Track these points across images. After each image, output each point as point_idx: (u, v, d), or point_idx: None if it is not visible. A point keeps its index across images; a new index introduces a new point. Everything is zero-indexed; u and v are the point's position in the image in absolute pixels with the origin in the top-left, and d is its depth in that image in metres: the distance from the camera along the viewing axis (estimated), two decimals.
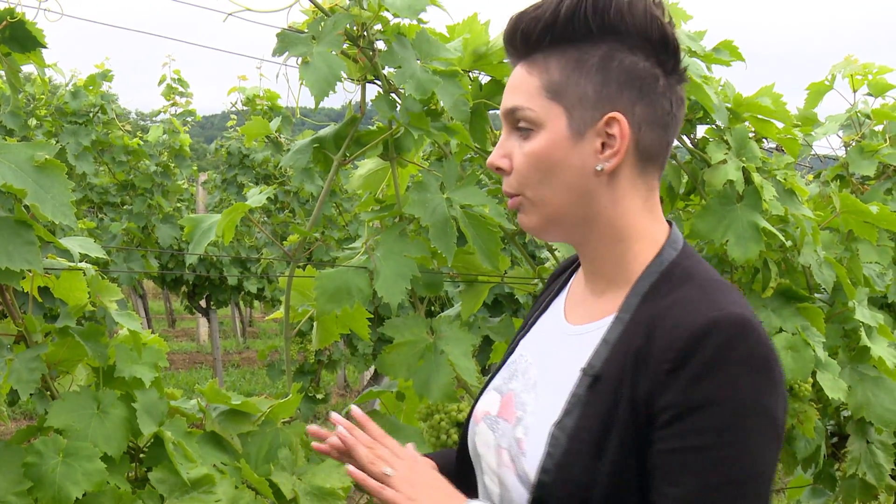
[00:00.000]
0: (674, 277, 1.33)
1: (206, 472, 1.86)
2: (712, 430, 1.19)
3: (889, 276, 3.29)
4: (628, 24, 1.30)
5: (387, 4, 2.11)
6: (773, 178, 2.73)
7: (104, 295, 2.00)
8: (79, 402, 1.82)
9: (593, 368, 1.30)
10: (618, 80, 1.31)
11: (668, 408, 1.21)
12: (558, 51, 1.33)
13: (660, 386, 1.22)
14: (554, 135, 1.33)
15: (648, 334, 1.26)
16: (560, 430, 1.29)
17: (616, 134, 1.32)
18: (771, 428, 1.22)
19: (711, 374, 1.19)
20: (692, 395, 1.20)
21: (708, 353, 1.20)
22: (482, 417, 1.49)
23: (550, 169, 1.34)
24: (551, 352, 1.45)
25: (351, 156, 2.31)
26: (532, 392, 1.42)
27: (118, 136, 7.23)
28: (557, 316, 1.50)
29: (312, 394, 6.04)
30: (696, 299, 1.27)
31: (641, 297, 1.33)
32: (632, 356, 1.27)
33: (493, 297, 5.84)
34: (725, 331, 1.21)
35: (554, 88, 1.33)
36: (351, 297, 2.15)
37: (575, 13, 1.30)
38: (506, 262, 2.51)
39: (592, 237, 1.38)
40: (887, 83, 3.73)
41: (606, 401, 1.27)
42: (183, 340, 15.54)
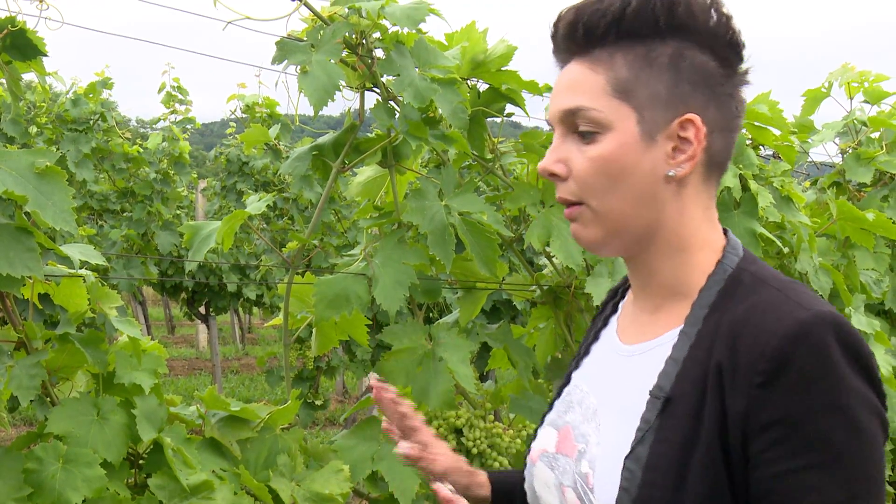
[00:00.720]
0: (744, 284, 1.22)
1: (206, 478, 1.87)
2: (827, 441, 1.07)
3: (886, 283, 3.30)
4: (698, 21, 1.21)
5: (386, 14, 2.13)
6: (769, 185, 2.75)
7: (104, 302, 2.01)
8: (78, 409, 1.83)
9: (663, 390, 1.19)
10: (690, 80, 1.21)
11: (771, 425, 1.09)
12: (624, 47, 1.22)
13: (754, 402, 1.10)
14: (624, 137, 1.22)
15: (730, 346, 1.14)
16: (633, 461, 1.17)
17: (691, 137, 1.22)
18: (881, 424, 1.11)
19: (815, 380, 1.08)
20: (799, 406, 1.08)
21: (806, 359, 1.08)
22: (539, 456, 1.38)
23: (619, 175, 1.22)
24: (608, 376, 1.34)
25: (350, 163, 2.32)
26: (592, 422, 1.31)
27: (118, 144, 7.24)
28: (611, 339, 1.40)
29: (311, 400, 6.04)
30: (777, 302, 1.15)
31: (708, 309, 1.22)
32: (714, 372, 1.15)
33: (492, 303, 5.85)
34: (820, 331, 1.09)
35: (622, 87, 1.22)
36: (349, 304, 2.16)
37: (644, 7, 1.20)
38: (504, 269, 2.52)
39: (652, 248, 1.28)
40: (883, 91, 3.74)
41: (683, 424, 1.15)
42: (182, 347, 15.54)
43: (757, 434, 1.10)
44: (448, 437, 2.34)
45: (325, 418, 9.96)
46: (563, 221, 2.36)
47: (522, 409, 2.42)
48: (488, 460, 2.34)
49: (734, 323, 1.16)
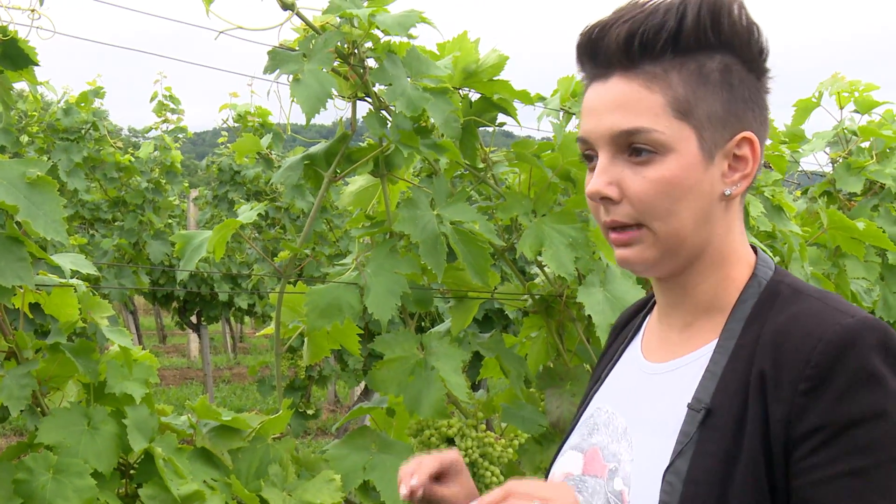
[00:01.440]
0: (782, 295, 1.21)
1: (197, 488, 1.86)
2: (872, 447, 1.06)
3: (876, 292, 3.31)
4: (738, 34, 1.20)
5: (377, 21, 2.13)
6: (761, 195, 2.76)
7: (95, 311, 2.01)
8: (69, 419, 1.82)
9: (702, 402, 1.17)
10: (742, 96, 1.20)
11: (815, 431, 1.08)
12: (677, 63, 1.19)
13: (798, 408, 1.09)
14: (686, 158, 1.18)
15: (773, 354, 1.14)
16: (673, 474, 1.15)
17: (747, 155, 1.21)
18: None
19: (858, 387, 1.07)
20: (842, 413, 1.07)
21: (852, 364, 1.08)
22: (563, 480, 1.35)
23: (682, 196, 1.19)
24: (637, 396, 1.32)
25: (342, 172, 2.32)
26: (623, 441, 1.28)
27: (110, 153, 7.24)
28: (636, 360, 1.37)
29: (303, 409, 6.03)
30: (819, 310, 1.15)
31: (744, 322, 1.21)
32: (756, 380, 1.14)
33: (484, 312, 5.86)
34: (864, 337, 1.09)
35: (682, 106, 1.18)
36: (341, 313, 2.16)
37: (698, 21, 1.17)
38: (496, 278, 2.52)
39: (697, 266, 1.26)
40: (874, 100, 3.76)
41: (725, 436, 1.14)
42: (174, 356, 15.50)
43: (800, 440, 1.09)
44: (440, 446, 2.34)
45: (317, 428, 9.94)
46: (556, 231, 2.36)
47: (514, 418, 2.42)
48: (480, 469, 2.34)
49: (777, 332, 1.15)
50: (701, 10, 1.17)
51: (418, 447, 2.36)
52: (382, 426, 2.49)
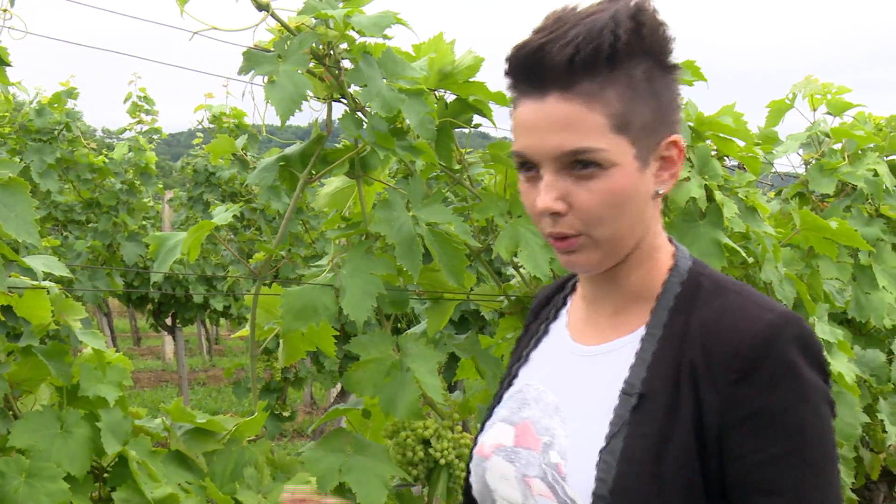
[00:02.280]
0: (704, 288, 1.31)
1: (171, 491, 1.85)
2: (799, 429, 1.19)
3: (848, 293, 3.34)
4: (655, 39, 1.26)
5: (353, 22, 2.13)
6: (734, 196, 2.77)
7: (68, 313, 1.99)
8: (42, 422, 1.81)
9: (634, 388, 1.26)
10: (666, 101, 1.28)
11: (747, 418, 1.20)
12: (611, 78, 1.23)
13: (730, 398, 1.20)
14: (627, 169, 1.25)
15: (703, 346, 1.24)
16: (609, 454, 1.23)
17: (674, 155, 1.30)
18: (833, 411, 1.24)
19: (783, 375, 1.19)
20: (770, 400, 1.19)
21: (775, 356, 1.20)
22: (493, 451, 1.41)
23: (624, 204, 1.26)
24: (567, 376, 1.40)
25: (317, 174, 2.31)
26: (555, 417, 1.36)
27: (83, 154, 7.18)
28: (562, 340, 1.45)
29: (279, 411, 6.01)
30: (740, 306, 1.26)
31: (671, 311, 1.30)
32: (687, 369, 1.24)
33: (460, 314, 5.85)
34: (787, 331, 1.21)
35: (619, 122, 1.24)
36: (317, 315, 2.16)
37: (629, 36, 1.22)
38: (472, 280, 2.52)
39: (629, 260, 1.34)
40: (846, 102, 3.79)
41: (657, 419, 1.23)
42: (148, 358, 15.41)
43: (734, 427, 1.20)
44: (415, 447, 2.34)
45: (293, 430, 9.91)
46: (531, 232, 2.36)
47: None
48: (456, 471, 2.34)
49: (704, 325, 1.25)
50: (629, 23, 1.22)
51: (394, 449, 2.36)
52: (358, 428, 2.48)
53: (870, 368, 3.29)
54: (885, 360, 3.31)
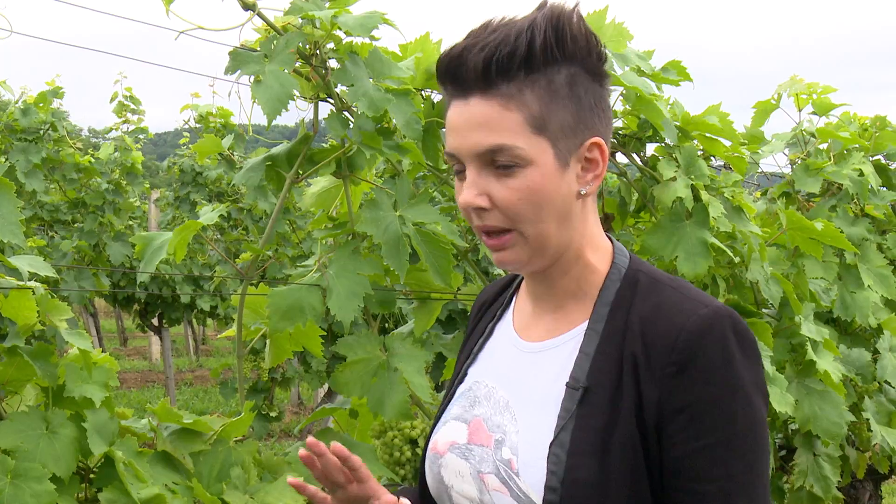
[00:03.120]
0: (641, 283, 1.37)
1: (158, 491, 1.85)
2: (731, 420, 1.25)
3: (834, 292, 3.35)
4: (579, 46, 1.31)
5: (339, 22, 2.13)
6: (720, 196, 2.78)
7: (54, 314, 1.98)
8: (27, 423, 1.80)
9: (579, 381, 1.32)
10: (587, 104, 1.33)
11: (683, 409, 1.25)
12: (529, 81, 1.30)
13: (667, 389, 1.26)
14: (544, 169, 1.31)
15: (642, 340, 1.30)
16: (558, 446, 1.29)
17: (597, 157, 1.34)
18: (765, 402, 1.31)
19: (717, 367, 1.25)
20: (705, 392, 1.25)
21: (709, 349, 1.25)
22: (448, 448, 1.46)
23: (544, 202, 1.32)
24: (515, 372, 1.44)
25: (304, 174, 2.31)
26: (507, 413, 1.41)
27: (69, 154, 7.16)
28: (509, 337, 1.50)
29: (266, 412, 6.00)
30: (678, 300, 1.32)
31: (610, 306, 1.36)
32: (629, 363, 1.30)
33: (447, 313, 5.86)
34: (719, 325, 1.27)
35: (537, 122, 1.30)
36: (303, 315, 2.15)
37: (545, 42, 1.29)
38: (458, 279, 2.52)
39: (562, 261, 1.39)
40: (831, 103, 3.80)
41: (602, 411, 1.29)
42: (135, 359, 15.37)
43: (670, 418, 1.26)
44: (403, 447, 2.34)
45: (280, 430, 9.90)
46: None
47: None
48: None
49: (643, 320, 1.32)
50: (546, 31, 1.29)
51: (382, 449, 2.36)
52: (346, 427, 2.48)
53: (855, 367, 3.30)
54: (870, 359, 3.33)
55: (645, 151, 2.81)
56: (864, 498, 3.81)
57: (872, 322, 3.41)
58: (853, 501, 3.78)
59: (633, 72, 2.54)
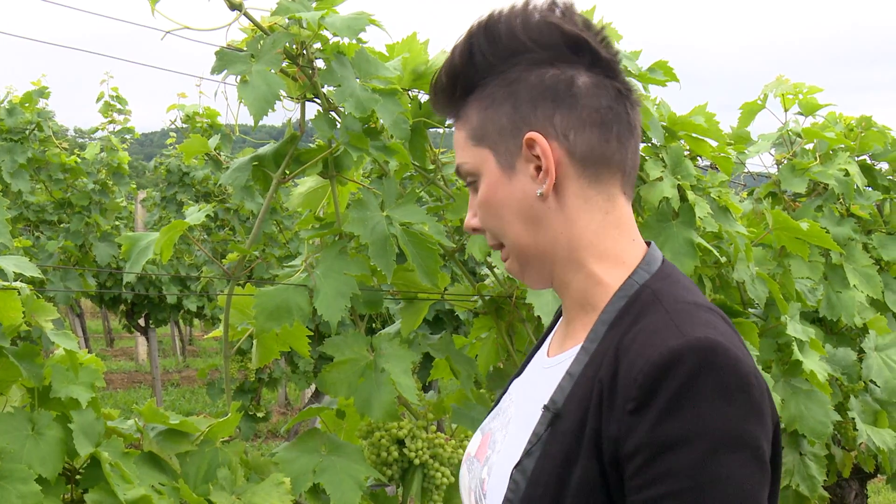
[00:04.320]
0: (640, 302, 1.22)
1: (144, 492, 1.84)
2: (687, 471, 1.06)
3: (820, 292, 3.36)
4: (525, 41, 1.25)
5: (326, 24, 2.12)
6: (707, 196, 2.79)
7: (39, 314, 1.98)
8: (13, 424, 1.79)
9: (555, 405, 1.20)
10: (528, 99, 1.25)
11: (637, 452, 1.09)
12: (473, 97, 1.29)
13: (625, 428, 1.11)
14: (490, 177, 1.28)
15: (613, 368, 1.15)
16: (520, 472, 1.20)
17: (539, 153, 1.25)
18: (753, 457, 1.09)
19: (678, 409, 1.07)
20: (660, 435, 1.08)
21: (672, 387, 1.08)
22: (465, 460, 1.42)
23: (499, 210, 1.28)
24: (528, 387, 1.38)
25: (291, 174, 2.31)
26: (504, 430, 1.34)
27: (55, 154, 7.13)
28: (543, 351, 1.42)
29: (253, 412, 6.00)
30: (659, 327, 1.15)
31: (608, 325, 1.22)
32: (596, 392, 1.16)
33: (434, 313, 5.86)
34: (689, 360, 1.09)
35: (476, 134, 1.29)
36: (290, 315, 2.15)
37: (472, 53, 1.27)
38: (446, 280, 2.52)
39: (557, 265, 1.29)
40: (817, 103, 3.81)
41: (567, 440, 1.17)
42: (121, 359, 15.32)
43: (626, 460, 1.11)
44: (390, 448, 2.34)
45: (268, 430, 9.89)
46: None
47: (464, 419, 2.42)
48: (430, 471, 2.34)
49: (620, 346, 1.17)
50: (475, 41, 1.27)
51: (369, 449, 2.36)
52: (332, 428, 2.48)
53: (841, 367, 3.31)
54: (855, 359, 3.34)
55: None
56: (850, 497, 3.83)
57: (858, 322, 3.42)
58: (839, 500, 3.80)
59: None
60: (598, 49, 1.27)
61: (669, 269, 1.29)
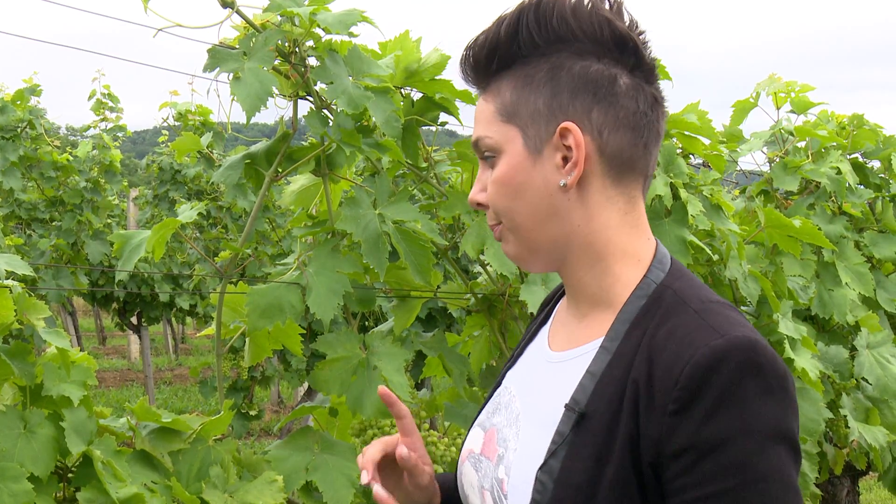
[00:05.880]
0: (664, 302, 1.22)
1: (136, 491, 1.84)
2: (737, 468, 1.08)
3: (812, 289, 3.37)
4: (574, 29, 1.24)
5: (318, 20, 2.12)
6: (699, 194, 2.79)
7: (31, 313, 1.97)
8: (5, 422, 1.79)
9: (579, 405, 1.19)
10: (569, 89, 1.24)
11: (682, 452, 1.10)
12: (509, 72, 1.27)
13: (668, 429, 1.11)
14: (513, 157, 1.27)
15: (648, 370, 1.15)
16: (546, 473, 1.18)
17: (571, 144, 1.24)
18: (793, 451, 1.11)
19: (725, 407, 1.09)
20: (706, 435, 1.09)
21: (717, 387, 1.09)
22: (467, 457, 1.40)
23: (516, 192, 1.27)
24: (534, 382, 1.36)
25: (283, 172, 2.30)
26: (514, 427, 1.32)
27: (47, 152, 7.11)
28: (542, 343, 1.41)
29: (245, 410, 5.99)
30: (693, 327, 1.16)
31: (630, 325, 1.22)
32: (630, 393, 1.16)
33: (427, 311, 5.86)
34: (732, 358, 1.10)
35: (507, 110, 1.27)
36: (283, 313, 2.15)
37: (518, 29, 1.25)
38: (438, 277, 2.52)
39: (571, 259, 1.29)
40: (809, 101, 3.82)
41: (597, 441, 1.16)
42: (114, 358, 15.30)
43: (669, 461, 1.11)
44: None
45: (260, 428, 9.88)
46: None
47: (457, 417, 2.42)
48: None
49: (652, 346, 1.17)
50: (523, 18, 1.25)
51: (361, 447, 2.35)
52: (325, 426, 2.48)
53: (833, 365, 3.32)
54: (847, 357, 3.35)
55: None
56: (842, 494, 3.83)
57: (850, 319, 3.43)
58: (831, 498, 3.81)
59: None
60: (643, 52, 1.27)
61: (679, 266, 1.31)
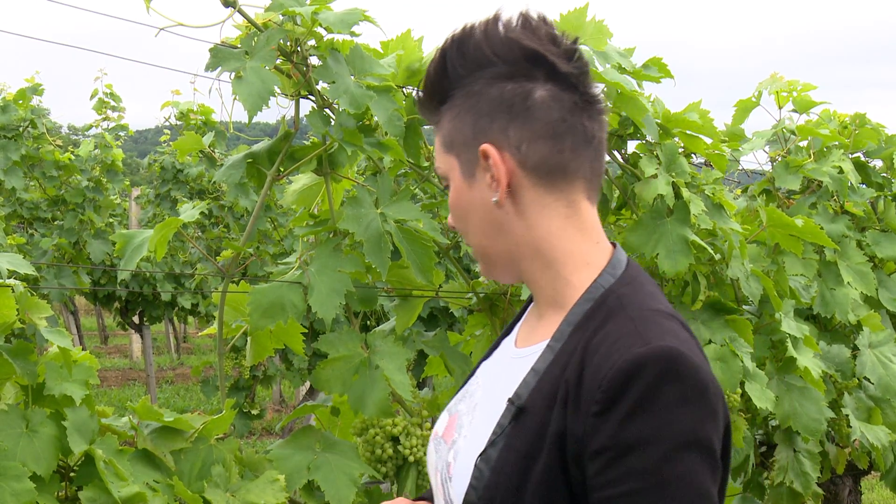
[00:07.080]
0: (606, 307, 1.28)
1: (138, 490, 1.84)
2: (647, 470, 1.14)
3: (814, 289, 3.37)
4: (488, 55, 1.31)
5: (320, 19, 2.12)
6: (701, 193, 2.79)
7: (33, 312, 1.97)
8: (7, 421, 1.79)
9: (520, 399, 1.27)
10: (486, 112, 1.32)
11: (602, 452, 1.16)
12: (447, 105, 1.37)
13: (590, 429, 1.18)
14: (456, 183, 1.38)
15: (579, 371, 1.22)
16: (484, 461, 1.26)
17: (491, 164, 1.32)
18: (708, 458, 1.17)
19: (641, 412, 1.15)
20: (623, 437, 1.15)
21: (636, 392, 1.15)
22: (432, 439, 1.48)
23: (465, 214, 1.38)
24: (498, 375, 1.42)
25: (285, 171, 2.30)
26: (471, 415, 1.40)
27: (49, 151, 7.11)
28: (512, 338, 1.48)
29: (247, 409, 5.98)
30: (624, 334, 1.22)
31: (574, 326, 1.29)
32: (562, 392, 1.23)
33: (429, 311, 5.87)
34: (653, 366, 1.16)
35: (446, 141, 1.38)
36: (284, 313, 2.15)
37: (444, 65, 1.34)
38: (440, 277, 2.52)
39: (525, 266, 1.37)
40: (811, 100, 3.81)
41: (530, 435, 1.24)
42: (116, 357, 15.30)
43: (590, 460, 1.18)
44: (384, 445, 2.34)
45: (262, 428, 9.88)
46: None
47: None
48: (425, 468, 2.34)
49: (588, 349, 1.24)
50: (449, 52, 1.34)
51: (363, 446, 2.36)
52: (327, 425, 2.48)
53: (835, 364, 3.32)
54: (849, 356, 3.35)
55: (626, 149, 2.81)
56: (844, 493, 3.83)
57: (852, 319, 3.43)
58: (833, 497, 3.80)
59: (613, 69, 2.55)
60: (557, 63, 1.31)
61: (635, 272, 1.36)
